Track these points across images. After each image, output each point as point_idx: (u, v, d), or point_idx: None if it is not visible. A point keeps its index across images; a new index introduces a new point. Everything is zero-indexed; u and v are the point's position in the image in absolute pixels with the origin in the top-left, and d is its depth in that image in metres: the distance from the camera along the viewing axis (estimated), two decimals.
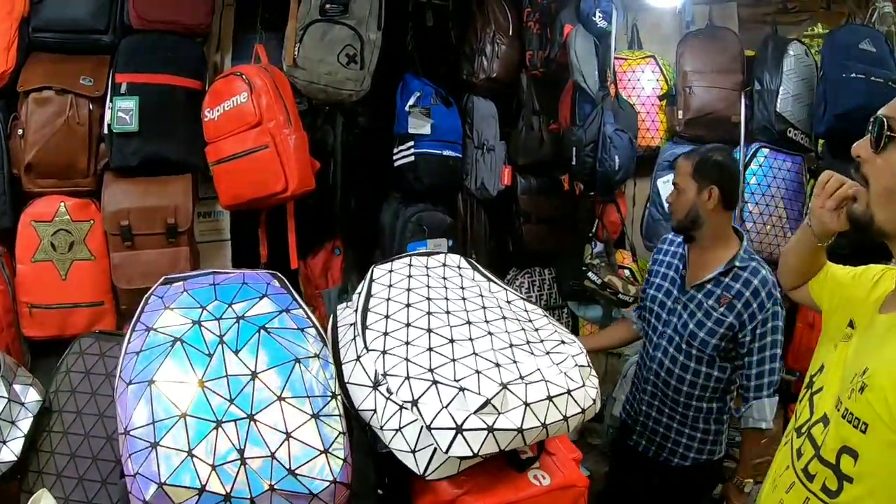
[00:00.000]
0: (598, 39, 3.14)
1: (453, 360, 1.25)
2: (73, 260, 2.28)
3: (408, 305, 1.38)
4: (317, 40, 2.43)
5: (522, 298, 1.61)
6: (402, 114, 2.77)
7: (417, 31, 2.91)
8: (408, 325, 1.33)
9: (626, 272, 3.31)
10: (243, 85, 2.27)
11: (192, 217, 2.40)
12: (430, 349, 1.27)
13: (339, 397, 1.28)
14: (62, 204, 2.27)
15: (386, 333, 1.31)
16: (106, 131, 2.29)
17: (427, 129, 2.76)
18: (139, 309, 1.37)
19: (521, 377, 1.26)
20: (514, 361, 1.30)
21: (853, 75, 2.98)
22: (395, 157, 2.83)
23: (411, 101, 2.75)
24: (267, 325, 1.31)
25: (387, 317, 1.35)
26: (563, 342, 1.43)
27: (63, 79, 2.26)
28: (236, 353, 1.25)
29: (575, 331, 3.57)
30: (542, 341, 1.43)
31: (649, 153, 3.53)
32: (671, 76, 3.49)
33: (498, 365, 1.27)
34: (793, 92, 3.23)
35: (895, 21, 3.23)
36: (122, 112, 2.26)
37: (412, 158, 2.78)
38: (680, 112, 3.36)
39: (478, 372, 1.23)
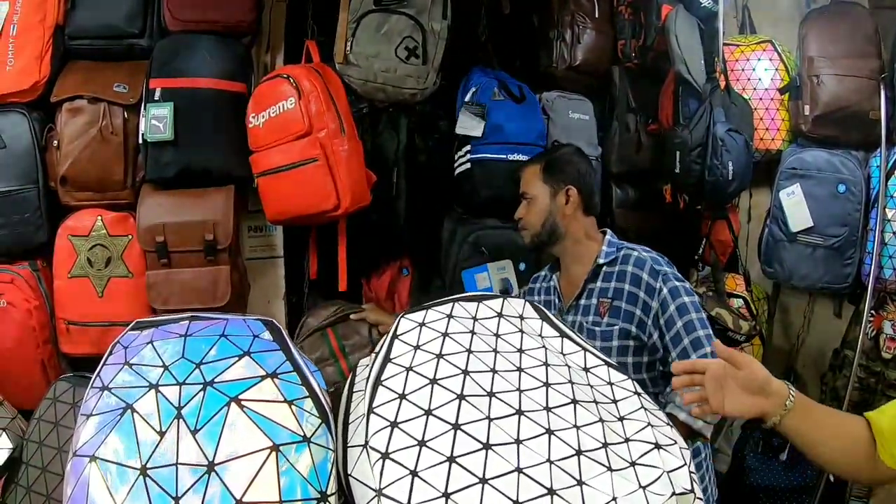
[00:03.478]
0: (703, 23, 2.88)
1: (483, 482, 0.87)
2: (110, 276, 2.21)
3: (433, 381, 1.01)
4: (372, 33, 2.25)
5: (605, 362, 1.22)
6: (459, 113, 2.49)
7: (493, 20, 2.66)
8: (428, 412, 0.96)
9: (738, 302, 2.96)
10: (290, 89, 2.10)
11: (236, 233, 2.26)
12: (451, 459, 0.90)
13: (332, 498, 0.97)
14: (99, 218, 2.21)
15: (394, 424, 0.95)
16: (141, 141, 2.19)
17: (478, 131, 2.43)
18: (103, 359, 1.16)
19: None
20: (579, 483, 0.92)
21: None
22: (455, 165, 2.52)
23: (467, 98, 2.45)
24: (241, 396, 1.01)
25: (402, 396, 0.99)
26: (657, 445, 1.03)
27: (96, 87, 2.20)
28: (194, 432, 0.98)
29: None
30: (626, 441, 1.04)
31: (768, 158, 3.17)
32: (792, 65, 3.09)
33: (552, 492, 0.89)
34: None
35: None
36: (156, 120, 2.15)
37: (468, 166, 2.46)
38: (806, 107, 2.93)
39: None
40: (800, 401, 1.23)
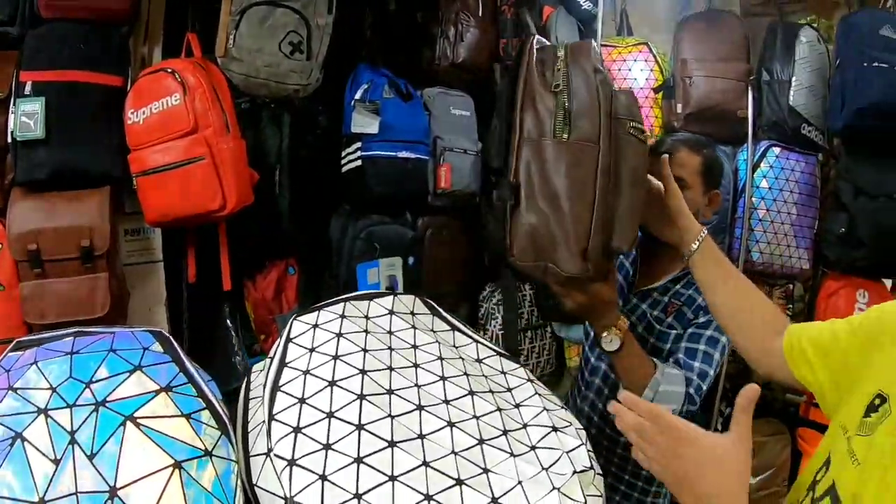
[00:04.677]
0: (583, 24, 2.93)
1: (392, 479, 0.87)
2: None
3: (332, 383, 0.98)
4: (255, 26, 2.13)
5: (497, 353, 1.24)
6: (349, 110, 2.43)
7: (378, 16, 2.62)
8: (330, 415, 0.94)
9: None
10: (175, 84, 1.99)
11: (114, 237, 2.11)
12: (358, 460, 0.88)
13: None
14: None
15: (297, 429, 0.92)
16: (10, 140, 2.03)
17: (374, 128, 2.39)
18: None
19: (495, 500, 0.89)
20: (485, 470, 0.93)
21: (875, 65, 2.68)
22: (342, 162, 2.46)
23: (357, 95, 2.39)
24: (136, 414, 0.94)
25: (302, 401, 0.96)
26: (554, 428, 1.05)
27: None
28: (91, 458, 0.90)
29: (560, 356, 3.23)
30: (524, 426, 1.06)
31: None
32: (667, 66, 3.19)
33: (460, 482, 0.89)
34: (806, 83, 2.93)
35: None
36: (26, 116, 1.99)
37: (359, 163, 2.41)
38: (679, 106, 3.04)
39: (428, 498, 0.86)
40: (709, 245, 1.42)
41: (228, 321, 2.37)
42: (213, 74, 2.08)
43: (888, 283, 3.07)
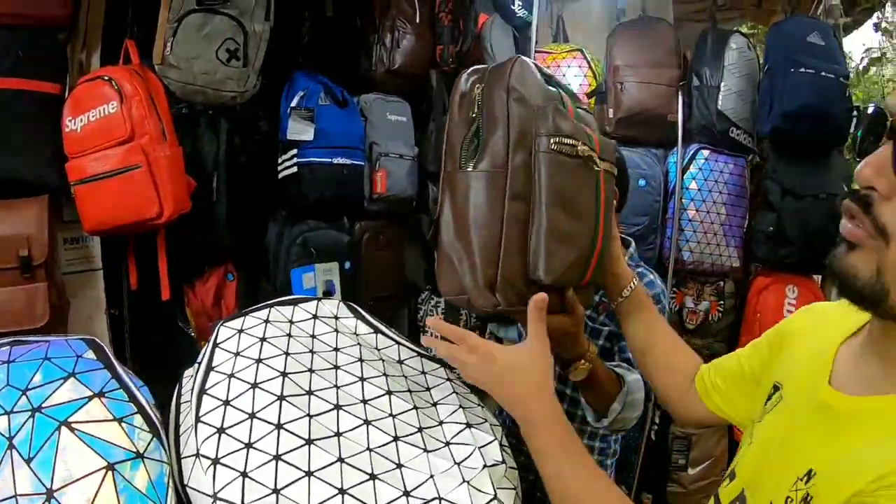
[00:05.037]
0: (518, 31, 2.94)
1: (308, 474, 0.91)
2: None
3: (254, 386, 1.02)
4: (193, 33, 2.14)
5: (418, 353, 1.29)
6: (285, 118, 2.45)
7: (316, 22, 2.61)
8: (252, 416, 0.97)
9: None
10: (111, 92, 1.98)
11: (53, 246, 2.09)
12: (277, 457, 0.92)
13: None
14: None
15: (221, 430, 0.95)
16: None
17: (309, 135, 2.42)
18: None
19: (407, 493, 0.94)
20: (398, 466, 0.97)
21: (802, 70, 2.79)
22: (279, 169, 2.49)
23: (293, 103, 2.42)
24: (71, 419, 0.96)
25: (226, 403, 0.99)
26: (468, 425, 1.09)
27: None
28: (28, 461, 0.91)
29: None
30: (440, 424, 1.10)
31: None
32: (600, 72, 3.25)
33: (373, 476, 0.94)
34: (735, 88, 3.03)
35: (843, 13, 3.06)
36: None
37: (295, 169, 2.43)
38: (610, 111, 3.12)
39: (342, 492, 0.90)
40: (640, 294, 1.37)
41: (181, 323, 2.40)
42: (150, 82, 2.07)
43: (818, 278, 3.16)
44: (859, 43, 7.36)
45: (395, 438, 1.03)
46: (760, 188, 3.15)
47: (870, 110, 0.81)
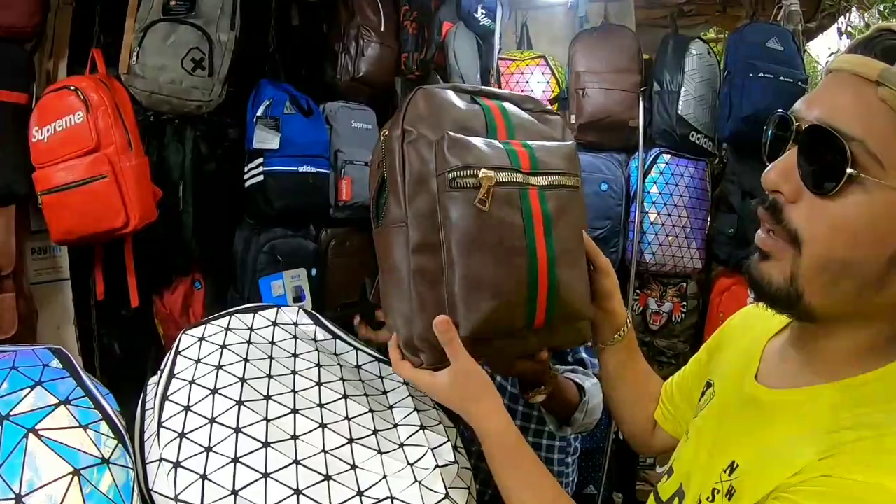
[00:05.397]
0: (482, 39, 2.98)
1: (265, 476, 0.94)
2: None
3: (214, 391, 1.05)
4: (158, 43, 2.15)
5: (376, 358, 1.33)
6: (251, 127, 2.46)
7: (282, 31, 2.64)
8: (211, 420, 1.01)
9: None
10: (77, 102, 1.99)
11: (20, 256, 2.10)
12: (235, 460, 0.96)
13: None
14: None
15: (182, 435, 0.99)
16: None
17: (274, 144, 2.43)
18: None
19: (360, 493, 0.98)
20: (353, 467, 1.01)
21: (761, 75, 2.85)
22: (245, 177, 2.50)
23: (259, 112, 2.43)
24: (38, 426, 0.99)
25: (187, 409, 1.02)
26: (422, 427, 1.13)
27: None
28: None
29: None
30: (394, 426, 1.14)
31: None
32: (563, 78, 3.31)
33: (328, 477, 0.98)
34: (695, 93, 3.09)
35: (802, 19, 3.12)
36: None
37: (261, 178, 2.45)
38: (572, 116, 3.17)
39: (298, 492, 0.94)
40: (631, 337, 1.27)
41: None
42: (116, 91, 2.07)
43: None
44: (825, 47, 7.50)
45: (350, 441, 1.07)
46: (720, 191, 3.22)
47: (777, 115, 0.86)
